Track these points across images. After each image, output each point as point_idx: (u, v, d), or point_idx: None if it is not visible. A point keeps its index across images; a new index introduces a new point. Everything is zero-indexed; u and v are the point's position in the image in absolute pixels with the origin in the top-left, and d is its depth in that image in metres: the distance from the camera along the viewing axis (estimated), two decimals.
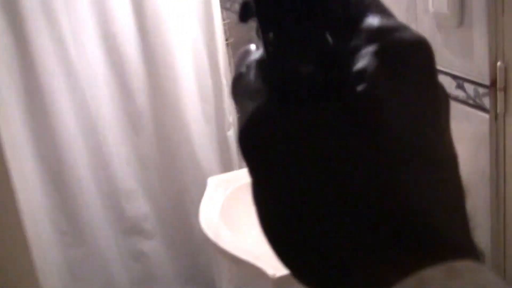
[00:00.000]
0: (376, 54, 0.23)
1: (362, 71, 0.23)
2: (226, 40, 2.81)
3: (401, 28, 0.25)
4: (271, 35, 0.24)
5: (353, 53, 0.24)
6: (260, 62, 0.26)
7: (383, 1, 0.26)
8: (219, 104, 2.14)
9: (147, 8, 1.97)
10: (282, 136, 0.24)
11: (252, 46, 0.28)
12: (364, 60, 0.23)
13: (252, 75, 0.26)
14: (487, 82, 1.09)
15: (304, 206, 0.23)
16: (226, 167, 2.13)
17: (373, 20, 0.25)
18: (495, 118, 1.10)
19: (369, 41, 0.24)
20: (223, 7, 2.79)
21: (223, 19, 2.55)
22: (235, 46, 3.03)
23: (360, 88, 0.23)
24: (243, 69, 0.27)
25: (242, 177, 1.71)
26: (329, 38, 0.24)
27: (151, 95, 2.05)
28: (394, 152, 0.23)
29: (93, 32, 1.94)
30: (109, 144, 2.01)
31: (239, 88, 0.27)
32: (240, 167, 2.17)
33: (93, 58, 1.95)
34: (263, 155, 0.24)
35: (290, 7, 0.24)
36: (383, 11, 0.25)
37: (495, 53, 1.07)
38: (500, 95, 1.09)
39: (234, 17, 2.92)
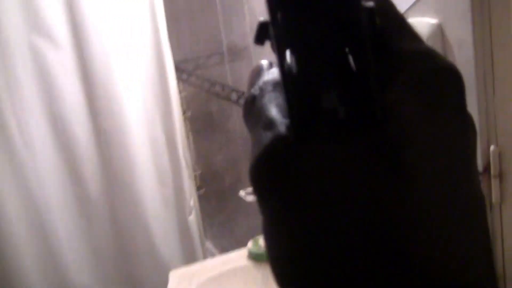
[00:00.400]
0: (405, 83, 0.22)
1: (390, 103, 0.22)
2: (184, 113, 2.69)
3: (430, 54, 0.23)
4: (288, 55, 0.22)
5: (379, 80, 0.22)
6: (275, 85, 0.24)
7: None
8: (179, 187, 2.00)
9: (98, 86, 1.84)
10: (299, 174, 0.22)
11: (265, 63, 0.27)
12: (391, 89, 0.22)
13: (266, 100, 0.24)
14: (480, 168, 0.98)
15: (318, 249, 0.22)
16: (189, 257, 1.97)
17: (400, 43, 0.23)
18: (489, 208, 0.99)
19: (396, 67, 0.23)
20: (180, 78, 2.69)
21: (180, 92, 2.44)
22: (194, 120, 2.93)
23: (389, 125, 0.21)
24: (257, 92, 0.25)
25: (208, 269, 1.55)
26: (353, 61, 0.22)
27: (104, 180, 1.89)
28: (423, 198, 0.21)
29: (39, 113, 1.79)
30: (59, 237, 1.83)
31: (252, 113, 0.25)
32: (205, 257, 2.01)
33: (39, 142, 1.80)
34: (276, 192, 0.22)
35: (311, 23, 0.22)
36: (411, 33, 0.24)
37: (487, 136, 0.96)
38: (494, 183, 0.98)
39: (192, 89, 2.84)
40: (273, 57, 0.24)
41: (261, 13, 1.84)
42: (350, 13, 0.22)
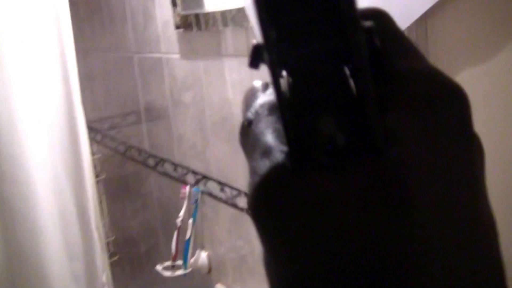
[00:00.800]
0: (406, 106, 0.21)
1: (392, 129, 0.20)
2: (97, 176, 2.54)
3: (432, 73, 0.22)
4: (284, 77, 0.21)
5: (379, 103, 0.20)
6: (271, 109, 0.24)
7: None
8: (90, 261, 1.83)
9: (1, 149, 1.67)
10: (297, 204, 0.21)
11: (260, 84, 0.26)
12: (392, 113, 0.21)
13: (263, 124, 0.23)
14: None
15: (317, 284, 0.20)
16: None
17: (401, 63, 0.22)
18: None
19: (396, 89, 0.21)
20: (93, 139, 2.55)
21: (93, 154, 2.30)
22: (108, 183, 2.79)
23: (390, 153, 0.20)
24: (252, 116, 0.24)
25: None
26: (353, 84, 0.20)
27: (5, 256, 1.70)
28: (428, 231, 0.20)
29: None
30: None
31: (248, 138, 0.24)
32: None
33: None
34: (276, 224, 0.21)
35: (307, 44, 0.20)
36: (412, 52, 0.23)
37: None
38: None
39: (107, 150, 2.71)
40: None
41: (182, 76, 1.76)
42: (348, 34, 0.20)
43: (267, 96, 0.25)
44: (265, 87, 0.26)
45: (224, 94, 1.64)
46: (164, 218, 2.29)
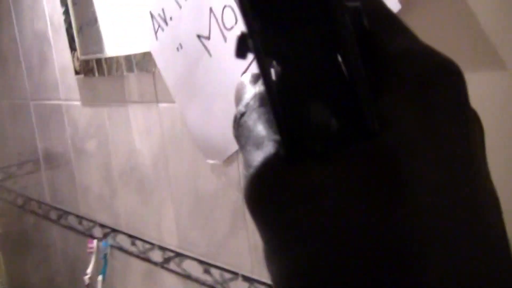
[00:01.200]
0: (399, 86, 0.20)
1: (386, 112, 0.20)
2: None
3: (425, 51, 0.21)
4: (272, 64, 0.20)
5: (372, 85, 0.20)
6: (262, 99, 0.23)
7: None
8: None
9: None
10: (294, 195, 0.20)
11: (249, 77, 0.25)
12: (386, 96, 0.20)
13: (255, 116, 0.23)
14: None
15: (317, 274, 0.20)
16: None
17: (392, 43, 0.21)
18: None
19: (389, 69, 0.21)
20: None
21: None
22: (5, 237, 2.58)
23: (385, 137, 0.19)
24: (243, 108, 0.24)
25: None
26: (342, 68, 0.20)
27: None
28: (429, 216, 0.19)
29: None
30: None
31: (242, 131, 0.23)
32: None
33: None
34: (273, 215, 0.21)
35: (292, 29, 0.20)
36: (403, 31, 0.22)
37: None
38: None
39: (4, 203, 2.51)
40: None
41: (84, 124, 1.65)
42: (334, 16, 0.19)
43: (257, 87, 0.24)
44: (255, 78, 0.25)
45: (131, 142, 1.54)
46: (70, 275, 2.12)
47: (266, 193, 0.21)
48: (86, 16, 1.53)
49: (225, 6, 1.08)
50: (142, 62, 1.36)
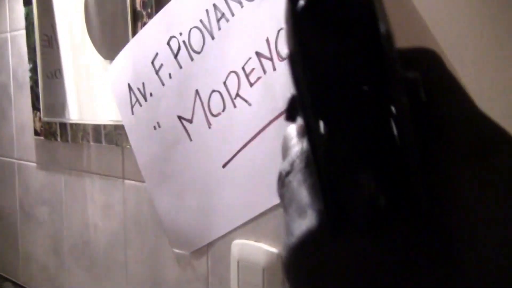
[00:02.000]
0: (455, 157, 0.19)
1: (438, 185, 0.18)
2: None
3: (482, 120, 0.20)
4: (320, 128, 0.19)
5: (425, 156, 0.19)
6: (307, 161, 0.22)
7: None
8: None
9: None
10: (336, 270, 0.20)
11: (294, 129, 0.24)
12: (438, 168, 0.19)
13: (298, 179, 0.22)
14: None
15: None
16: None
17: (449, 107, 0.20)
18: None
19: (444, 137, 0.20)
20: None
21: None
22: None
23: (437, 210, 0.18)
24: (287, 168, 0.23)
25: None
26: (396, 135, 0.19)
27: None
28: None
29: None
30: None
31: (286, 192, 0.22)
32: None
33: None
34: (312, 286, 0.20)
35: (345, 93, 0.19)
36: (461, 94, 0.21)
37: None
38: None
39: None
40: None
41: (37, 188, 1.51)
42: (390, 85, 0.18)
43: (302, 145, 0.23)
44: (303, 131, 0.23)
45: (86, 216, 1.43)
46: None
47: (307, 265, 0.20)
48: (54, 77, 1.44)
49: (213, 91, 1.01)
50: (112, 135, 1.26)
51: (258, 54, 0.92)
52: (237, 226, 1.00)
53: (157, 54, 1.09)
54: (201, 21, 1.01)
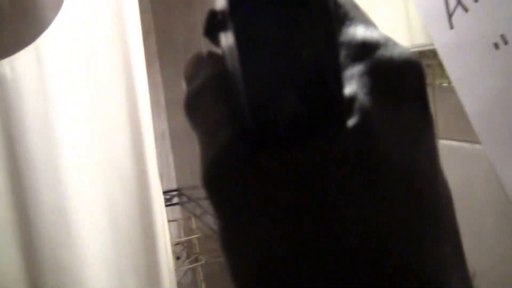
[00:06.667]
0: (364, 75, 0.21)
1: (351, 99, 0.20)
2: (197, 260, 2.01)
3: (389, 43, 0.22)
4: (236, 21, 0.19)
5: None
6: (220, 79, 0.23)
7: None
8: None
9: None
10: (256, 181, 0.20)
11: (204, 54, 0.25)
12: (351, 83, 0.21)
13: (214, 95, 0.23)
14: None
15: (280, 259, 0.20)
16: None
17: (356, 32, 0.22)
18: None
19: (353, 58, 0.21)
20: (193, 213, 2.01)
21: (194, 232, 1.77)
22: (207, 268, 2.24)
23: (352, 122, 0.20)
24: (200, 86, 0.23)
25: None
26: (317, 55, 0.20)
27: None
28: (397, 202, 0.20)
29: None
30: None
31: (197, 110, 0.23)
32: None
33: None
34: (233, 201, 0.21)
35: (271, 13, 0.19)
36: (366, 22, 0.23)
37: None
38: None
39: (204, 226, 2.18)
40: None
41: None
42: (318, 3, 0.19)
43: (214, 65, 0.23)
44: (209, 57, 0.24)
45: None
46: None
47: (231, 177, 0.20)
48: None
49: None
50: None
51: None
52: None
53: None
54: None
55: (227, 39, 0.21)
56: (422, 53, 0.78)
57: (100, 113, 1.27)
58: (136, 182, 1.30)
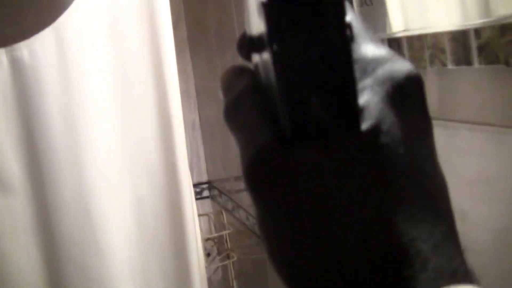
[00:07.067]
0: (374, 86, 0.25)
1: (364, 107, 0.24)
2: (228, 258, 1.90)
3: (394, 58, 0.26)
4: (275, 46, 0.24)
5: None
6: (254, 90, 0.27)
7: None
8: None
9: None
10: (290, 175, 0.24)
11: (237, 68, 0.29)
12: (364, 94, 0.24)
13: (251, 104, 0.26)
14: None
15: (310, 242, 0.24)
16: None
17: (366, 49, 0.26)
18: None
19: (365, 72, 0.25)
20: (224, 207, 1.91)
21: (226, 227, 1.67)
22: (240, 265, 2.14)
23: (365, 125, 0.24)
24: (235, 97, 0.27)
25: None
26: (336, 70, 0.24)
27: None
28: (401, 189, 0.24)
29: None
30: None
31: (237, 118, 0.27)
32: None
33: None
34: (269, 191, 0.25)
35: (303, 35, 0.24)
36: (373, 40, 0.27)
37: None
38: None
39: (237, 221, 2.08)
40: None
41: None
42: (338, 30, 0.24)
43: (249, 78, 0.27)
44: (242, 70, 0.28)
45: None
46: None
47: (267, 171, 0.24)
48: None
49: None
50: (495, 46, 0.67)
51: None
52: None
53: None
54: None
55: (261, 57, 0.25)
56: (505, 27, 0.65)
57: (127, 101, 1.17)
58: (165, 176, 1.20)
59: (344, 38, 0.24)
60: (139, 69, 1.16)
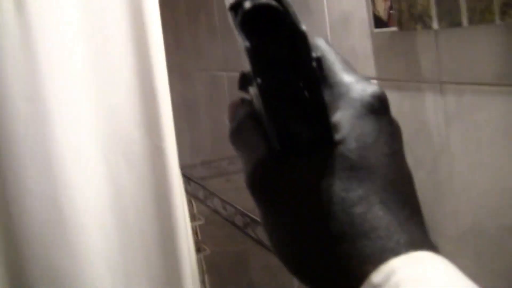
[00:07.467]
0: (346, 105, 0.31)
1: (338, 124, 0.30)
2: (198, 251, 1.74)
3: (361, 81, 0.32)
4: (259, 81, 0.30)
5: (327, 106, 0.31)
6: (252, 117, 0.33)
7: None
8: None
9: None
10: (282, 181, 0.31)
11: (239, 100, 0.35)
12: (337, 111, 0.31)
13: (249, 128, 0.33)
14: None
15: (306, 235, 0.30)
16: None
17: (341, 76, 0.32)
18: None
19: (339, 94, 0.32)
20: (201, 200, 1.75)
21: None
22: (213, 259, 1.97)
23: (337, 137, 0.30)
24: (237, 124, 0.34)
25: None
26: (310, 97, 0.30)
27: None
28: (373, 181, 0.30)
29: None
30: None
31: (239, 140, 0.33)
32: None
33: None
34: (269, 196, 0.32)
35: (282, 74, 0.30)
36: (346, 68, 0.33)
37: None
38: None
39: (209, 211, 1.91)
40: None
41: None
42: (306, 64, 0.30)
43: (247, 108, 0.34)
44: (242, 101, 0.34)
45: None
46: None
47: (264, 181, 0.31)
48: None
49: None
50: None
51: None
52: None
53: None
54: None
55: (254, 90, 0.31)
56: None
57: (103, 74, 0.98)
58: (149, 162, 1.02)
59: (311, 69, 0.30)
60: (117, 35, 0.98)
